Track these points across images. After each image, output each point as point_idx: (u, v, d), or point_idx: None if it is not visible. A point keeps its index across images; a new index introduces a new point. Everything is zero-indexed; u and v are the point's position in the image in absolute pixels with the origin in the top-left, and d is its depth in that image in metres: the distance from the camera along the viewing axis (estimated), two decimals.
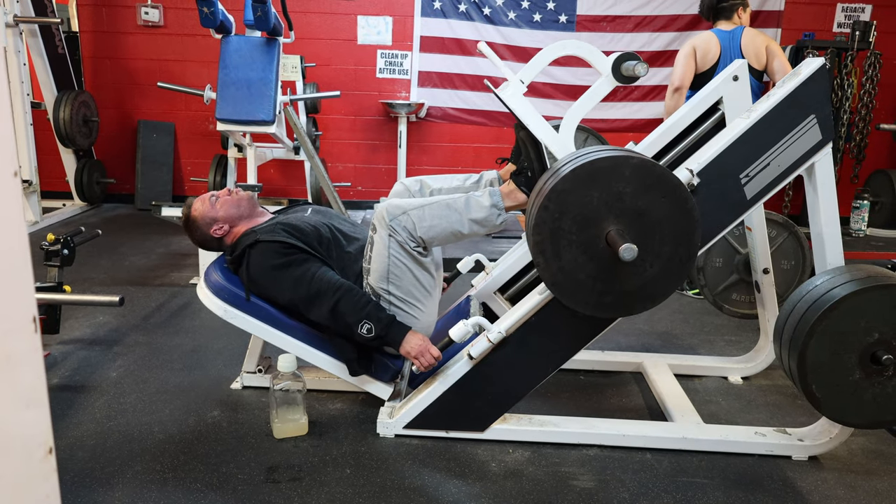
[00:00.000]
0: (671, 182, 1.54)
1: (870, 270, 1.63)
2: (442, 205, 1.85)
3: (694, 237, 1.57)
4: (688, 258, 1.59)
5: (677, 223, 1.55)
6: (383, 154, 5.82)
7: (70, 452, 1.79)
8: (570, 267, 1.58)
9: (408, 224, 1.83)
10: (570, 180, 1.52)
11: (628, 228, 1.54)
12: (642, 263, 1.57)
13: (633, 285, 1.60)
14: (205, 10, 3.75)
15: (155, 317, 2.93)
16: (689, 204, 1.54)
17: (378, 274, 1.88)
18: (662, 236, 1.56)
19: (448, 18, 5.53)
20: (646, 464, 1.85)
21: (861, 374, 1.61)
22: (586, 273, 1.59)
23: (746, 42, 3.23)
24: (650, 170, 1.53)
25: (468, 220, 1.84)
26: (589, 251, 1.57)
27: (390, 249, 1.85)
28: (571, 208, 1.54)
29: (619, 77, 1.73)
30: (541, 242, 1.57)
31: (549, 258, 1.58)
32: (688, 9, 5.49)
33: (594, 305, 1.63)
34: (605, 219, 1.54)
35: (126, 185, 5.73)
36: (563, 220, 1.55)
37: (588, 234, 1.55)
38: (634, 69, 1.69)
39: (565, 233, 1.55)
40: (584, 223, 1.55)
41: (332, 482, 1.70)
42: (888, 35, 5.48)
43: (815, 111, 1.71)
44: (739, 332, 2.97)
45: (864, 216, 5.28)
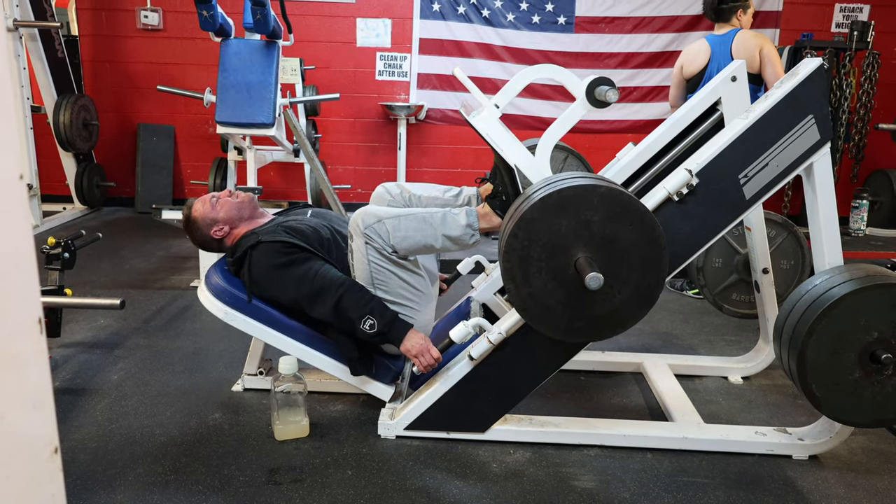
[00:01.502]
0: (638, 210, 1.55)
1: (869, 270, 1.64)
2: (418, 217, 1.86)
3: (661, 263, 1.58)
4: (656, 284, 1.60)
5: (645, 250, 1.56)
6: (383, 156, 5.83)
7: (72, 455, 1.80)
8: (539, 293, 1.60)
9: (382, 232, 1.84)
10: (539, 209, 1.54)
11: (597, 256, 1.56)
12: (611, 290, 1.59)
13: (603, 311, 1.62)
14: (204, 13, 3.76)
15: (156, 320, 2.93)
16: (657, 232, 1.56)
17: (364, 281, 1.90)
18: (630, 263, 1.57)
19: (447, 21, 5.55)
20: (646, 464, 1.85)
21: (861, 373, 1.61)
22: (556, 299, 1.60)
23: (738, 45, 3.23)
24: (617, 198, 1.54)
25: (442, 236, 1.86)
26: (558, 277, 1.58)
27: (369, 256, 1.87)
28: (540, 236, 1.55)
29: (592, 101, 1.75)
30: (510, 269, 1.58)
31: (518, 284, 1.59)
32: (686, 9, 5.50)
33: (564, 330, 1.64)
34: (573, 246, 1.56)
35: (126, 189, 5.74)
36: (533, 247, 1.56)
37: (557, 262, 1.57)
38: (606, 94, 1.72)
39: (535, 260, 1.57)
40: (553, 250, 1.56)
41: (333, 484, 1.71)
42: (886, 35, 5.50)
43: (813, 111, 1.71)
44: (739, 332, 2.98)
45: (863, 216, 5.29)
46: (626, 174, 1.87)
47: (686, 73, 3.41)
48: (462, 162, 5.76)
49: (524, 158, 1.79)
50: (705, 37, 3.37)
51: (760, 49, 3.19)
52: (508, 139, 1.80)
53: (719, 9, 3.31)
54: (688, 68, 3.39)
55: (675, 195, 1.72)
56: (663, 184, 1.74)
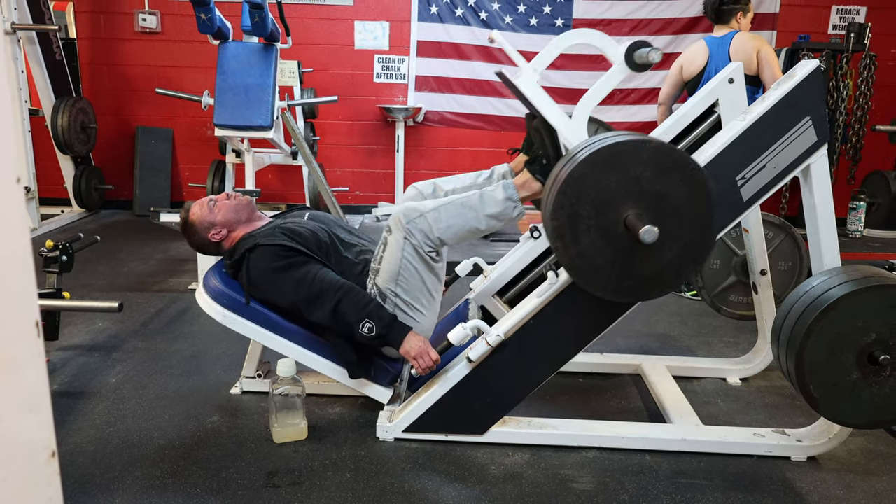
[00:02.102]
0: (689, 165, 1.53)
1: (866, 271, 1.64)
2: (457, 204, 1.86)
3: (712, 220, 1.57)
4: (706, 241, 1.58)
5: (695, 206, 1.55)
6: (381, 158, 5.83)
7: (70, 458, 1.79)
8: (588, 251, 1.58)
9: (424, 226, 1.83)
10: (588, 164, 1.52)
11: (646, 212, 1.54)
12: (661, 247, 1.56)
13: (652, 269, 1.60)
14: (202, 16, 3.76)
15: (154, 322, 2.93)
16: (707, 187, 1.54)
17: (387, 275, 1.89)
18: (681, 220, 1.56)
19: (445, 23, 5.55)
20: (645, 466, 1.85)
21: (858, 375, 1.61)
22: (605, 257, 1.58)
23: (736, 47, 3.24)
24: (668, 153, 1.53)
25: (484, 216, 1.84)
26: (607, 235, 1.56)
27: (404, 252, 1.86)
28: (590, 192, 1.53)
29: (632, 65, 1.72)
30: (559, 227, 1.56)
31: (567, 243, 1.57)
32: (683, 12, 5.51)
33: (613, 290, 1.62)
34: (623, 203, 1.54)
35: (124, 192, 5.73)
36: (582, 204, 1.54)
37: (606, 219, 1.55)
38: (648, 56, 1.67)
39: (583, 217, 1.55)
40: (603, 207, 1.54)
41: (331, 486, 1.70)
42: (883, 37, 5.51)
43: (810, 113, 1.72)
44: (737, 334, 2.98)
45: (860, 217, 5.29)
46: None
47: (685, 75, 3.43)
48: (460, 164, 5.77)
49: (564, 121, 1.79)
50: (704, 38, 3.38)
51: (758, 51, 3.19)
52: (550, 101, 1.80)
53: (719, 10, 3.32)
54: (687, 70, 3.41)
55: None
56: None
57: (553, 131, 1.82)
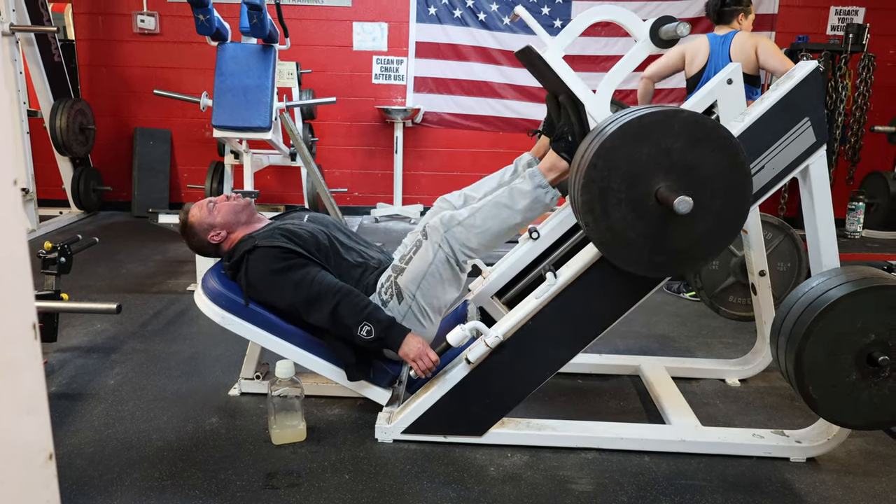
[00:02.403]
0: (722, 135, 1.51)
1: (865, 272, 1.64)
2: (490, 205, 1.87)
3: (746, 191, 1.55)
4: (740, 213, 1.57)
5: (728, 177, 1.53)
6: (380, 160, 5.83)
7: (68, 460, 1.79)
8: (619, 226, 1.56)
9: (461, 236, 1.85)
10: (619, 137, 1.50)
11: (678, 184, 1.52)
12: (694, 219, 1.55)
13: (685, 243, 1.58)
14: (200, 17, 3.76)
15: (152, 324, 2.93)
16: (741, 157, 1.52)
17: (412, 276, 1.89)
18: (713, 191, 1.54)
19: (443, 24, 5.56)
20: (644, 467, 1.85)
21: (858, 376, 1.61)
22: (636, 232, 1.57)
23: (736, 47, 3.24)
24: (700, 123, 1.51)
25: (519, 211, 1.86)
26: (638, 209, 1.54)
27: (436, 258, 1.87)
28: (620, 165, 1.51)
29: (657, 41, 1.71)
30: (589, 201, 1.54)
31: (598, 217, 1.55)
32: (682, 13, 5.52)
33: (645, 265, 1.61)
34: (654, 175, 1.52)
35: (123, 193, 5.73)
36: (612, 177, 1.52)
37: (638, 192, 1.53)
38: (677, 30, 1.66)
39: (614, 191, 1.53)
40: (634, 180, 1.52)
41: (330, 488, 1.70)
42: (881, 37, 5.52)
43: (809, 114, 1.72)
44: (736, 335, 2.98)
45: (859, 218, 5.30)
46: None
47: (687, 73, 3.43)
48: (459, 165, 5.77)
49: (591, 95, 1.78)
50: (707, 35, 3.38)
51: (756, 47, 3.20)
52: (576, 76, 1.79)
53: (721, 11, 3.32)
54: (689, 67, 3.40)
55: None
56: None
57: (579, 106, 1.81)
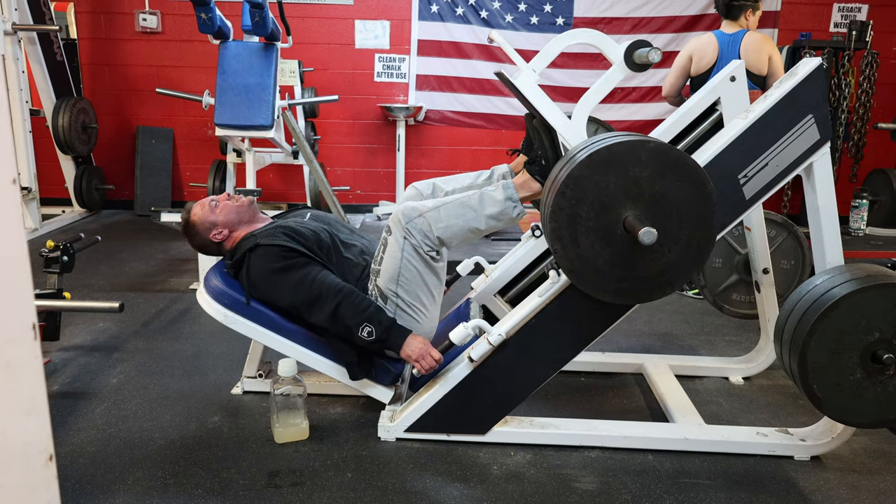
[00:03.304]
0: (688, 165, 1.53)
1: (869, 269, 1.63)
2: (457, 203, 1.85)
3: (712, 220, 1.56)
4: (706, 242, 1.58)
5: (695, 207, 1.55)
6: (382, 158, 5.83)
7: (71, 459, 1.79)
8: (588, 254, 1.57)
9: (423, 226, 1.83)
10: (587, 166, 1.51)
11: (646, 213, 1.53)
12: (661, 248, 1.56)
13: (652, 271, 1.59)
14: (203, 16, 3.76)
15: (155, 322, 2.93)
16: (707, 187, 1.53)
17: (388, 275, 1.88)
18: (680, 220, 1.55)
19: (445, 22, 5.54)
20: (647, 465, 1.84)
21: (862, 374, 1.61)
22: (604, 259, 1.58)
23: (746, 47, 3.23)
24: (667, 153, 1.52)
25: (484, 216, 1.84)
26: (607, 237, 1.56)
27: (404, 252, 1.85)
28: (588, 194, 1.53)
29: (631, 65, 1.71)
30: (558, 229, 1.56)
31: (566, 245, 1.57)
32: (685, 10, 5.50)
33: (613, 292, 1.62)
34: (622, 204, 1.54)
35: (125, 192, 5.74)
36: (581, 206, 1.53)
37: (605, 220, 1.55)
38: (648, 56, 1.67)
39: (582, 219, 1.54)
40: (602, 209, 1.54)
41: (333, 486, 1.70)
42: (885, 34, 5.50)
43: (812, 111, 1.71)
44: (740, 333, 2.97)
45: (863, 215, 5.28)
46: None
47: (693, 70, 3.40)
48: (461, 163, 5.76)
49: (563, 121, 1.78)
50: (714, 33, 3.36)
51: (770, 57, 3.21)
52: (549, 102, 1.79)
53: (730, 5, 3.30)
54: (696, 64, 3.38)
55: None
56: None
57: (552, 132, 1.82)
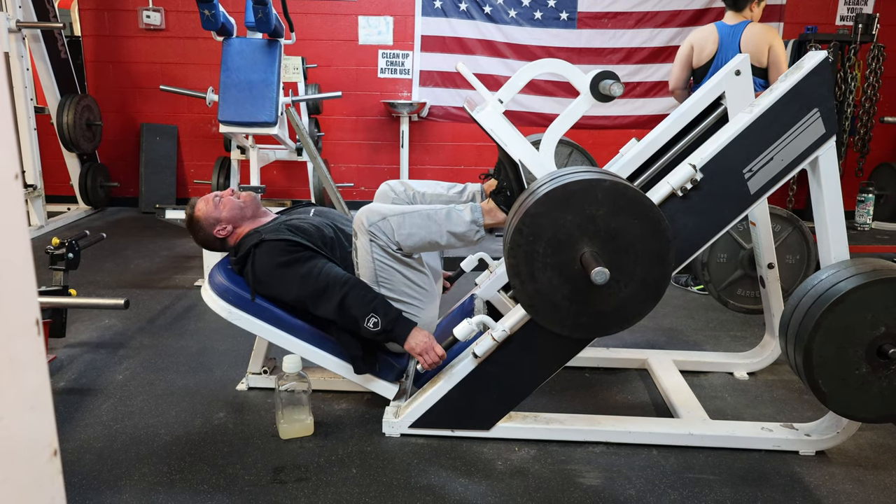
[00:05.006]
0: (643, 204, 1.55)
1: (875, 264, 1.62)
2: (423, 214, 1.86)
3: (667, 257, 1.58)
4: (662, 278, 1.60)
5: (650, 244, 1.56)
6: (386, 154, 5.82)
7: (77, 455, 1.80)
8: (545, 289, 1.60)
9: (386, 229, 1.84)
10: (544, 203, 1.54)
11: (602, 250, 1.56)
12: (616, 284, 1.59)
13: (609, 306, 1.62)
14: (206, 12, 3.76)
15: (160, 319, 2.94)
16: (662, 225, 1.55)
17: (368, 279, 1.90)
18: (636, 257, 1.57)
19: (449, 17, 5.53)
20: (652, 460, 1.84)
21: (868, 368, 1.60)
22: (562, 295, 1.61)
23: (747, 39, 3.21)
24: (622, 192, 1.54)
25: (447, 233, 1.85)
26: (564, 273, 1.58)
27: (373, 254, 1.86)
28: (545, 231, 1.55)
29: (596, 95, 1.74)
30: (516, 265, 1.58)
31: (524, 281, 1.60)
32: (689, 4, 5.47)
33: (570, 327, 1.65)
34: (578, 241, 1.56)
35: (130, 189, 5.75)
36: (538, 243, 1.56)
37: (563, 257, 1.57)
38: (610, 88, 1.71)
39: (540, 255, 1.57)
40: (559, 246, 1.56)
41: (338, 482, 1.71)
42: (891, 27, 5.45)
43: (818, 105, 1.70)
44: (745, 328, 2.97)
45: (868, 209, 5.25)
46: (629, 170, 1.86)
47: (695, 62, 3.40)
48: (465, 159, 5.75)
49: (528, 153, 1.79)
50: (716, 24, 3.34)
51: (770, 46, 3.18)
52: (512, 134, 1.79)
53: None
54: (697, 56, 3.37)
55: (679, 191, 1.71)
56: (667, 179, 1.72)
57: (516, 165, 1.82)
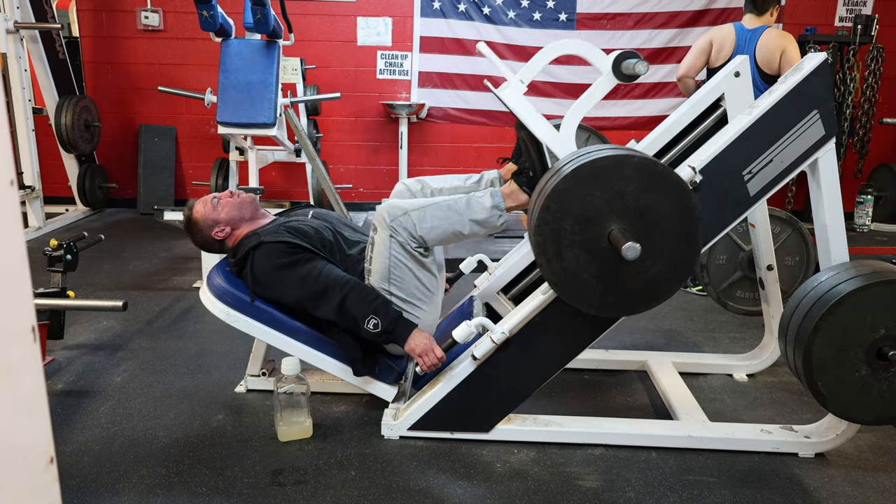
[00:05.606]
0: (672, 180, 1.53)
1: (875, 266, 1.62)
2: (443, 206, 1.85)
3: (696, 235, 1.56)
4: (690, 256, 1.58)
5: (679, 221, 1.55)
6: (384, 155, 5.82)
7: (75, 458, 1.80)
8: (572, 267, 1.58)
9: (408, 224, 1.82)
10: (572, 180, 1.52)
11: (630, 228, 1.54)
12: (645, 262, 1.57)
13: (636, 284, 1.60)
14: (204, 13, 3.75)
15: (158, 321, 2.93)
16: (691, 202, 1.54)
17: (379, 275, 1.88)
18: (664, 235, 1.56)
19: (447, 18, 5.53)
20: (651, 463, 1.84)
21: (867, 370, 1.60)
22: (589, 273, 1.59)
23: (762, 44, 3.22)
24: (651, 168, 1.52)
25: (469, 221, 1.84)
26: (591, 251, 1.56)
27: (391, 250, 1.85)
28: (573, 208, 1.53)
29: (619, 75, 1.72)
30: (543, 243, 1.57)
31: (551, 259, 1.58)
32: (688, 5, 5.47)
33: (598, 305, 1.63)
34: (606, 218, 1.54)
35: (128, 190, 5.74)
36: (565, 220, 1.54)
37: (590, 234, 1.55)
38: (635, 67, 1.68)
39: (567, 233, 1.55)
40: (586, 223, 1.54)
41: (337, 485, 1.70)
42: (890, 28, 5.46)
43: (817, 106, 1.70)
44: (744, 330, 2.96)
45: (868, 211, 5.26)
46: None
47: (712, 62, 3.41)
48: (464, 160, 5.75)
49: (551, 133, 1.78)
50: (735, 24, 3.36)
51: (782, 50, 3.19)
52: (535, 114, 1.78)
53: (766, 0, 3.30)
54: (715, 55, 3.38)
55: None
56: None
57: (539, 144, 1.82)
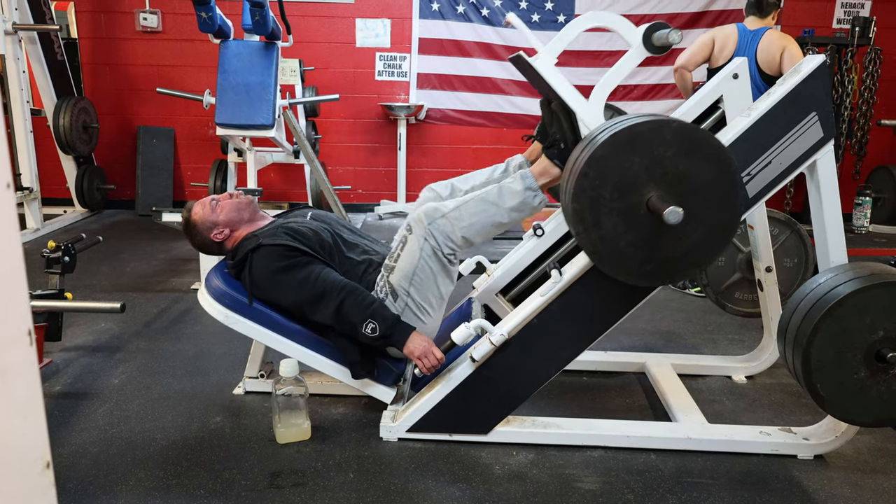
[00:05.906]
0: (713, 145, 1.51)
1: (873, 268, 1.62)
2: (477, 200, 1.85)
3: (737, 200, 1.54)
4: (731, 222, 1.56)
5: (719, 186, 1.53)
6: (383, 156, 5.82)
7: (73, 460, 1.79)
8: (610, 235, 1.55)
9: (446, 228, 1.83)
10: (610, 146, 1.49)
11: (669, 193, 1.51)
12: (685, 229, 1.54)
13: (676, 252, 1.57)
14: (203, 15, 3.75)
15: (157, 323, 2.93)
16: (732, 167, 1.52)
17: (403, 273, 1.88)
18: (705, 200, 1.53)
19: (446, 20, 5.53)
20: (650, 465, 1.84)
21: (866, 372, 1.60)
22: (627, 241, 1.56)
23: (763, 46, 3.23)
24: (691, 133, 1.50)
25: (506, 210, 1.84)
26: (630, 218, 1.54)
27: (423, 252, 1.85)
28: (611, 175, 1.50)
29: (650, 47, 1.70)
30: (580, 211, 1.53)
31: (588, 227, 1.54)
32: (686, 7, 5.48)
33: (636, 274, 1.60)
34: (645, 184, 1.51)
35: (126, 191, 5.73)
36: (603, 187, 1.51)
37: (629, 201, 1.52)
38: (668, 37, 1.66)
39: (605, 200, 1.52)
40: (625, 189, 1.52)
41: (335, 487, 1.70)
42: (888, 30, 5.47)
43: (816, 108, 1.70)
44: (743, 331, 2.96)
45: (866, 213, 5.27)
46: None
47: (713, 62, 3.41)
48: (462, 161, 5.75)
49: (584, 103, 1.77)
50: (737, 25, 3.36)
51: (783, 49, 3.20)
52: (568, 84, 1.78)
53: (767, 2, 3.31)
54: (718, 54, 3.38)
55: None
56: None
57: (571, 114, 1.80)
